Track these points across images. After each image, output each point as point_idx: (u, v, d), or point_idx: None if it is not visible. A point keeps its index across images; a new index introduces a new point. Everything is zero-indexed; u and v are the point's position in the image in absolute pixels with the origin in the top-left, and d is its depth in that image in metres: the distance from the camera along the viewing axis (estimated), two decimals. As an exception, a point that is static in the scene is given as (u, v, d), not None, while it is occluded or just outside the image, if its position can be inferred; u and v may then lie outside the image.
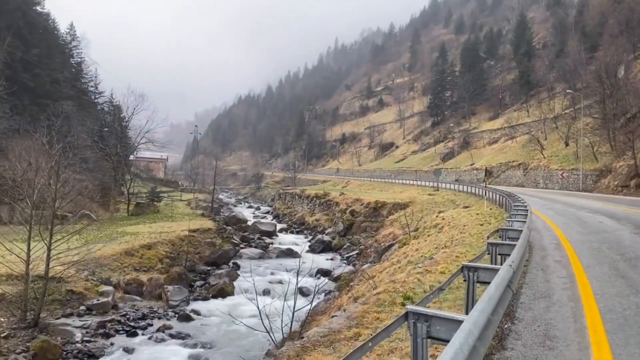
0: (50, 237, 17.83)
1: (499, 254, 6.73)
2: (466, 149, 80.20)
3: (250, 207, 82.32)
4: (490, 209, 24.69)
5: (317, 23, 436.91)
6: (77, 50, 72.04)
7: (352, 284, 21.22)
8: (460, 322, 3.27)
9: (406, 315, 3.78)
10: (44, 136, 33.40)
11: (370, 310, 7.51)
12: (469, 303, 4.94)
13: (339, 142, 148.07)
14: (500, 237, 7.79)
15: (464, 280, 5.01)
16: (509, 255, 5.73)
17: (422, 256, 15.53)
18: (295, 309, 11.17)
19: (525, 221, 9.83)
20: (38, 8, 62.53)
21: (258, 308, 11.58)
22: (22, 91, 47.41)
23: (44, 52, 52.73)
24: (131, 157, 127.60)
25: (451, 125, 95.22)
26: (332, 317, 9.09)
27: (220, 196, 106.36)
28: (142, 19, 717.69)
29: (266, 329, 10.64)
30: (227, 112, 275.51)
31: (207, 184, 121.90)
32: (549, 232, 14.62)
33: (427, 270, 10.12)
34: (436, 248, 15.50)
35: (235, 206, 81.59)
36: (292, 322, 12.22)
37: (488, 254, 6.69)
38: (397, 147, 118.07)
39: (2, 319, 17.31)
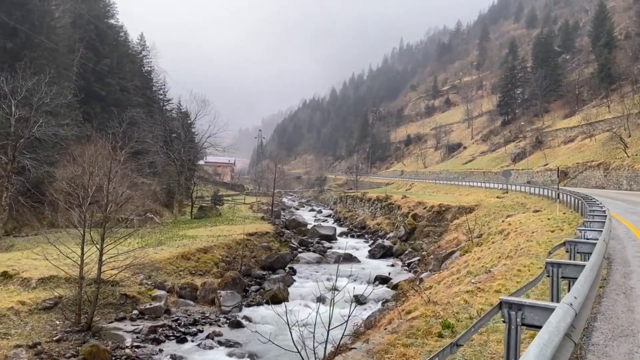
0: (102, 241, 17.96)
1: (562, 277, 4.92)
2: (539, 148, 75.53)
3: (312, 210, 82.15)
4: (564, 213, 22.43)
5: (381, 24, 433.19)
6: (147, 60, 75.23)
7: (409, 293, 19.90)
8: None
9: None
10: (109, 142, 34.68)
11: (398, 343, 6.38)
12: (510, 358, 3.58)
13: (403, 143, 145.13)
14: (567, 251, 6.28)
15: (503, 322, 3.61)
16: (576, 280, 4.13)
17: (483, 266, 14.04)
18: (331, 327, 10.14)
19: (601, 230, 8.18)
20: (112, 21, 65.84)
21: (289, 327, 10.68)
22: (93, 99, 49.76)
23: (114, 62, 55.14)
24: (200, 161, 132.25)
25: (522, 123, 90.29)
26: (350, 349, 8.02)
27: (284, 199, 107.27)
28: (208, 33, 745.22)
29: (297, 349, 9.69)
30: (292, 116, 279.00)
31: (271, 187, 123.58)
32: (633, 243, 12.65)
33: (479, 288, 8.79)
34: (499, 258, 13.94)
35: (297, 209, 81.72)
36: (325, 342, 11.20)
37: (547, 276, 4.96)
38: (464, 147, 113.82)
39: (58, 322, 17.61)
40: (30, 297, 18.59)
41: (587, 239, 7.71)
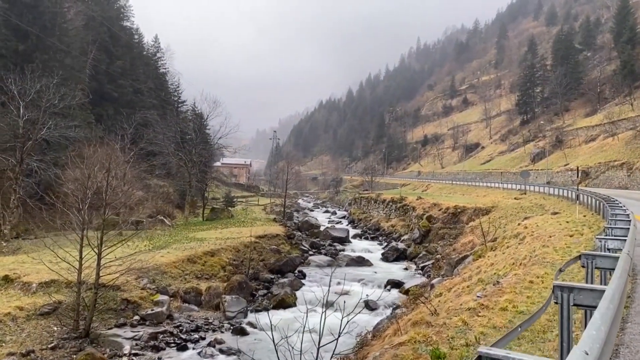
0: (100, 245, 17.45)
1: (575, 305, 3.88)
2: (559, 148, 73.55)
3: (326, 211, 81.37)
4: (584, 216, 21.24)
5: (398, 24, 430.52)
6: (162, 62, 75.33)
7: (419, 299, 19.00)
8: None
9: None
10: (118, 143, 34.43)
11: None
12: None
13: (420, 144, 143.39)
14: (583, 266, 5.32)
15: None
16: (593, 309, 3.29)
17: (495, 273, 13.10)
18: (322, 345, 9.34)
19: (625, 238, 7.15)
20: (127, 23, 66.05)
21: (288, 338, 9.95)
22: (106, 101, 49.77)
23: (127, 64, 55.17)
24: (217, 163, 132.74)
25: (542, 123, 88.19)
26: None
27: (299, 201, 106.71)
28: (225, 36, 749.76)
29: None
30: (309, 117, 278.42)
31: (288, 188, 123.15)
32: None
33: (482, 305, 7.89)
34: (512, 264, 12.99)
35: (311, 210, 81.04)
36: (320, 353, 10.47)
37: (556, 302, 3.92)
38: (482, 147, 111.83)
39: (55, 328, 17.15)
40: (29, 302, 18.18)
41: (608, 249, 6.80)
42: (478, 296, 8.62)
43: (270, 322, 10.11)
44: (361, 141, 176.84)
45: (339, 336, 9.04)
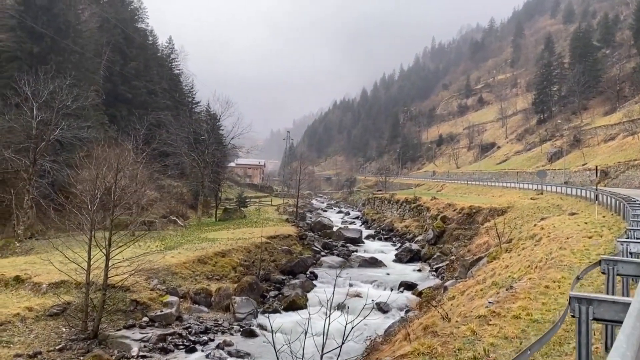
0: (108, 245, 17.33)
1: (595, 319, 3.43)
2: (577, 147, 72.17)
3: (340, 212, 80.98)
4: (603, 217, 20.56)
5: (412, 24, 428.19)
6: (176, 63, 75.70)
7: (432, 303, 18.56)
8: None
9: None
10: (130, 144, 34.50)
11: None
12: None
13: (435, 143, 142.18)
14: (604, 272, 4.83)
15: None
16: (618, 324, 2.95)
17: (509, 276, 12.64)
18: (325, 352, 9.00)
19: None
20: (142, 25, 66.48)
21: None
22: (120, 102, 50.04)
23: (141, 66, 55.44)
24: (231, 163, 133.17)
25: (559, 122, 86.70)
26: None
27: (313, 201, 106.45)
28: (240, 37, 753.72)
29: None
30: (323, 117, 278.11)
31: (301, 189, 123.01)
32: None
33: (494, 312, 7.44)
34: (527, 267, 12.51)
35: (324, 211, 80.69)
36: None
37: (572, 315, 3.49)
38: (498, 147, 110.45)
39: (64, 330, 17.07)
40: (39, 302, 18.15)
41: (631, 253, 6.32)
42: (490, 302, 8.20)
43: (272, 327, 9.81)
44: (375, 141, 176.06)
45: (342, 342, 8.70)
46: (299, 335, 8.95)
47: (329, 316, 8.29)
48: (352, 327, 8.39)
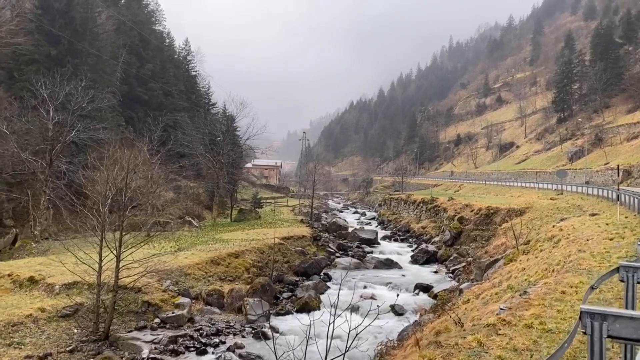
0: (119, 247, 17.27)
1: (610, 337, 3.04)
2: (599, 146, 70.58)
3: (355, 212, 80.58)
4: (626, 217, 19.84)
5: (430, 23, 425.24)
6: (192, 65, 76.12)
7: (446, 306, 18.12)
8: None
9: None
10: (145, 145, 34.63)
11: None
12: None
13: (453, 143, 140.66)
14: (622, 280, 4.33)
15: None
16: (635, 343, 2.75)
17: (526, 279, 12.18)
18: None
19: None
20: (159, 27, 67.03)
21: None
22: (136, 104, 50.39)
23: (157, 67, 55.78)
24: (248, 164, 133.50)
25: (580, 120, 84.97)
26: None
27: (329, 202, 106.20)
28: (259, 41, 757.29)
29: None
30: (339, 118, 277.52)
31: (317, 189, 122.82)
32: None
33: (504, 321, 7.01)
34: (545, 270, 12.03)
35: (340, 212, 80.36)
36: None
37: (584, 332, 3.10)
38: (517, 147, 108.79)
39: (76, 331, 17.06)
40: (52, 303, 18.19)
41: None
42: (502, 309, 7.80)
43: (272, 334, 9.47)
44: (392, 141, 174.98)
45: (346, 350, 8.36)
46: (301, 342, 8.61)
47: (333, 322, 7.97)
48: (357, 334, 8.05)
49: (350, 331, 7.89)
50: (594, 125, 78.98)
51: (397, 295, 27.50)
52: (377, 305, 16.01)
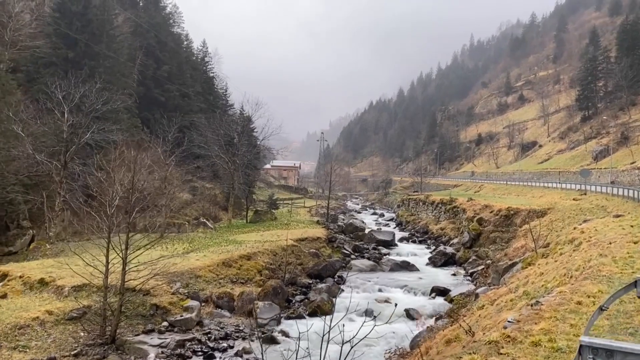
0: (125, 249, 17.04)
1: None
2: (625, 145, 68.40)
3: (374, 213, 79.80)
4: (653, 219, 18.86)
5: (450, 22, 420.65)
6: (210, 66, 76.35)
7: (462, 311, 17.43)
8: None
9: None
10: (160, 146, 34.59)
11: None
12: None
13: (474, 143, 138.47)
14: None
15: None
16: None
17: (543, 285, 11.48)
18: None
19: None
20: (178, 30, 67.38)
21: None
22: (153, 105, 50.55)
23: (174, 69, 55.94)
24: (267, 165, 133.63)
25: (605, 118, 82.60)
26: None
27: (348, 202, 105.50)
28: (279, 43, 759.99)
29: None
30: (359, 118, 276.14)
31: (336, 190, 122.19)
32: None
33: (508, 337, 6.32)
34: (564, 275, 11.30)
35: (358, 213, 79.66)
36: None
37: None
38: (540, 146, 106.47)
39: (82, 334, 16.89)
40: (60, 306, 18.09)
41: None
42: (509, 321, 7.16)
43: (262, 346, 9.03)
44: (412, 141, 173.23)
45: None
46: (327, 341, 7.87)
47: (328, 341, 7.32)
48: (351, 348, 7.47)
49: (343, 344, 7.31)
50: (620, 124, 76.63)
51: (421, 299, 27.21)
52: (396, 305, 15.41)
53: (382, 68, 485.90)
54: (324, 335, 8.12)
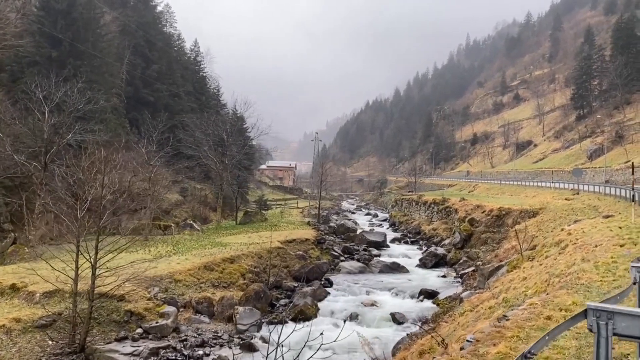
0: (95, 254, 16.38)
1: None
2: (619, 144, 67.99)
3: (368, 214, 79.24)
4: (643, 220, 18.27)
5: (446, 22, 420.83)
6: (202, 66, 75.64)
7: (445, 316, 16.83)
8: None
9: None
10: (143, 147, 33.90)
11: None
12: None
13: (469, 142, 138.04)
14: (591, 328, 2.96)
15: None
16: None
17: (524, 292, 10.87)
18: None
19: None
20: (171, 30, 66.66)
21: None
22: (142, 106, 49.78)
23: (163, 69, 55.18)
24: (262, 166, 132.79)
25: (599, 117, 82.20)
26: None
27: (344, 203, 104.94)
28: (276, 44, 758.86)
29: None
30: (355, 118, 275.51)
31: (332, 190, 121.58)
32: None
33: None
34: (545, 281, 10.68)
35: (353, 213, 79.08)
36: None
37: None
38: (535, 145, 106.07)
39: (50, 343, 16.22)
40: (29, 313, 17.39)
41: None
42: (468, 340, 6.50)
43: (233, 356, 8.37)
44: (408, 141, 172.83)
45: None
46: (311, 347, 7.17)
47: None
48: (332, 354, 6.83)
49: (317, 350, 6.63)
50: (615, 122, 76.24)
51: (408, 302, 26.58)
52: (396, 315, 14.80)
53: (378, 68, 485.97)
54: (305, 345, 7.47)
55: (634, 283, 3.76)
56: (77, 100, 30.83)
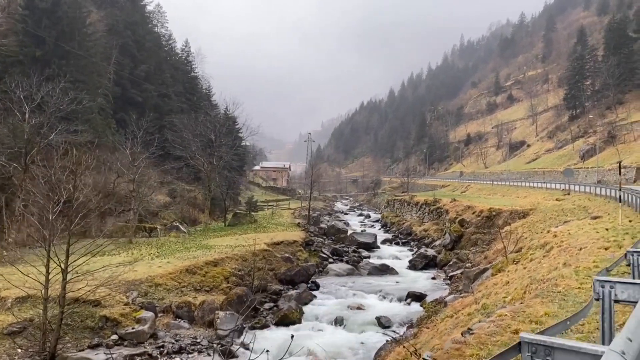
0: (66, 258, 15.80)
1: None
2: (611, 144, 67.91)
3: (361, 214, 78.76)
4: (630, 221, 17.82)
5: (441, 22, 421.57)
6: (193, 66, 75.01)
7: (427, 321, 16.36)
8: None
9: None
10: (127, 148, 33.31)
11: None
12: None
13: (463, 143, 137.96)
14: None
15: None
16: None
17: (504, 298, 10.42)
18: None
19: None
20: (162, 30, 65.99)
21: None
22: (130, 106, 49.11)
23: (152, 68, 54.52)
24: (256, 166, 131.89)
25: (592, 117, 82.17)
26: None
27: (337, 203, 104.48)
28: (271, 45, 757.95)
29: None
30: (349, 119, 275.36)
31: (326, 191, 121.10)
32: None
33: None
34: (527, 286, 10.22)
35: (345, 214, 78.59)
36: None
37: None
38: (528, 145, 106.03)
39: (19, 351, 15.65)
40: (-1, 319, 16.82)
41: (616, 301, 4.16)
42: (426, 358, 6.07)
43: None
44: (402, 142, 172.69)
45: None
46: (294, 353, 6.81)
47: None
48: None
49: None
50: (607, 122, 76.19)
51: (395, 305, 26.12)
52: (382, 319, 14.32)
53: (373, 69, 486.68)
54: (287, 352, 6.97)
55: (597, 299, 3.31)
56: (59, 100, 30.18)
